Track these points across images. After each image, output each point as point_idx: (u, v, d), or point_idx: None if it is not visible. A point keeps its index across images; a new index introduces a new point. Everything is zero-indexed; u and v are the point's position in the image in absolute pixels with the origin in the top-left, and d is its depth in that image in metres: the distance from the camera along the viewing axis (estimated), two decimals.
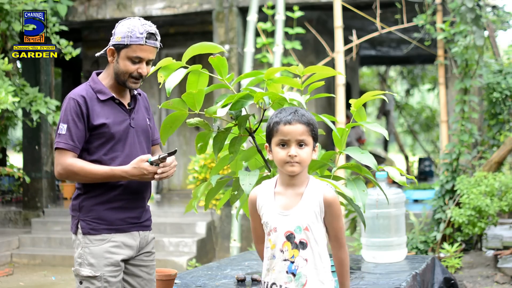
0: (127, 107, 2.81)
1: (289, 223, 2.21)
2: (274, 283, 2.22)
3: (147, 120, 2.90)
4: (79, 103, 2.68)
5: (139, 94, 2.91)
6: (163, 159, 2.64)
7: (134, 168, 2.64)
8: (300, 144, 2.19)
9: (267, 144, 2.28)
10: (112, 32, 2.77)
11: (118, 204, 2.73)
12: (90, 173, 2.65)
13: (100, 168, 2.66)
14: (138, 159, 2.66)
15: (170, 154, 2.64)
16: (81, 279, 2.67)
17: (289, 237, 2.20)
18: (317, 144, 2.27)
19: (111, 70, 2.78)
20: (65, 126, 2.67)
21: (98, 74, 2.84)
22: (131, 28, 2.71)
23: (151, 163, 2.64)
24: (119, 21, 2.79)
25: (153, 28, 2.74)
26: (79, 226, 2.70)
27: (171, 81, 2.66)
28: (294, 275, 2.19)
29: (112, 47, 2.74)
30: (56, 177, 2.71)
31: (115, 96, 2.77)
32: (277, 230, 2.22)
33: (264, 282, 2.26)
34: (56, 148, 2.68)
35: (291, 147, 2.18)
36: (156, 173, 2.65)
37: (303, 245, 2.20)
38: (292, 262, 2.20)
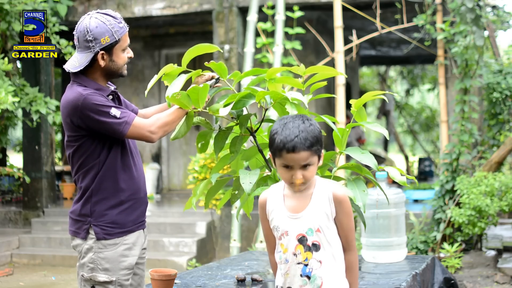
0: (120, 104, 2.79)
1: (301, 226, 2.18)
2: (289, 287, 2.20)
3: None
4: (102, 94, 2.62)
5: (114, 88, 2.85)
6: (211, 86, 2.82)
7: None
8: (305, 165, 2.14)
9: (270, 154, 2.22)
10: (85, 39, 2.63)
11: (127, 204, 2.70)
12: (169, 113, 2.66)
13: (169, 109, 2.69)
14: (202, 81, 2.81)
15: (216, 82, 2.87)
16: (94, 284, 2.64)
17: (301, 240, 2.17)
18: (323, 150, 2.22)
19: (100, 73, 2.71)
20: (113, 109, 2.59)
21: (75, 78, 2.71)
22: (109, 23, 2.64)
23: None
24: (81, 26, 2.64)
25: (112, 12, 2.72)
26: (90, 231, 2.65)
27: (171, 90, 2.67)
28: (309, 277, 2.16)
29: (102, 51, 2.65)
30: (154, 141, 2.67)
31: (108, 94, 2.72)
32: (288, 234, 2.19)
33: (280, 287, 2.23)
34: (130, 124, 2.59)
35: (296, 170, 2.13)
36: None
37: (316, 247, 2.17)
38: (306, 265, 2.17)
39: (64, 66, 2.73)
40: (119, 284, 2.66)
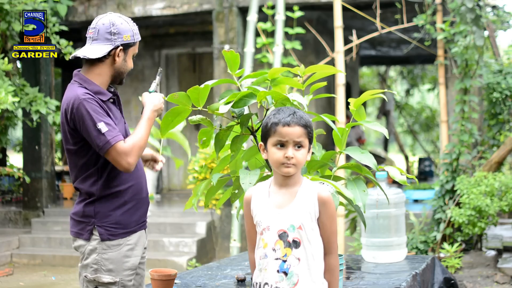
0: (117, 106, 2.78)
1: (283, 222, 2.18)
2: (266, 283, 2.19)
3: None
4: (96, 101, 2.59)
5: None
6: (158, 84, 2.88)
7: (150, 102, 2.73)
8: (297, 145, 2.18)
9: (262, 143, 2.26)
10: (109, 31, 2.63)
11: (131, 205, 2.70)
12: (142, 136, 2.63)
13: (139, 128, 2.66)
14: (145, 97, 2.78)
15: (159, 75, 2.91)
16: (98, 285, 2.64)
17: (282, 236, 2.18)
18: (312, 145, 2.26)
19: (108, 70, 2.68)
20: (102, 123, 2.54)
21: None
22: (131, 25, 2.69)
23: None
24: (104, 20, 2.65)
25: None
26: (94, 232, 2.64)
27: None
28: (285, 274, 2.16)
29: (121, 47, 2.66)
30: (128, 170, 2.60)
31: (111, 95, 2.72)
32: (270, 229, 2.20)
33: (256, 283, 2.23)
34: (111, 145, 2.53)
35: (288, 148, 2.17)
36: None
37: (296, 244, 2.17)
38: (284, 261, 2.17)
39: (78, 54, 2.66)
40: (123, 285, 2.66)
